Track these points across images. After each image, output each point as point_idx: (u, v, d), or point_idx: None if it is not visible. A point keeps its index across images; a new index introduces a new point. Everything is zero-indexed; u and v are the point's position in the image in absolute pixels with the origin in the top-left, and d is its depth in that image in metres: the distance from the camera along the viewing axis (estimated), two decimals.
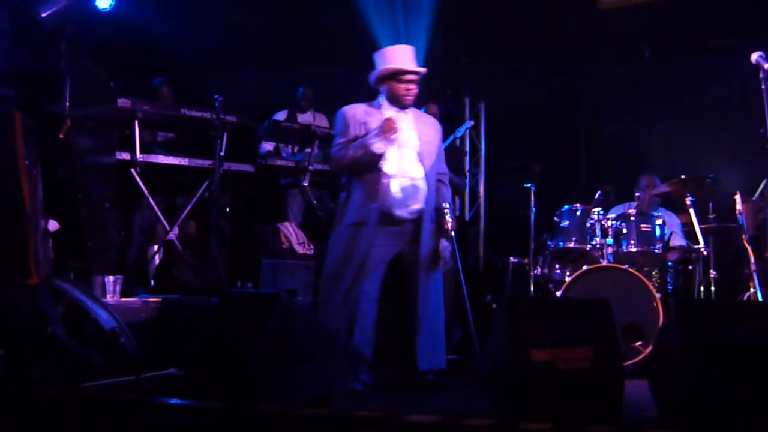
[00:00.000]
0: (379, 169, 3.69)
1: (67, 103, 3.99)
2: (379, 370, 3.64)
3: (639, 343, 4.28)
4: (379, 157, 3.69)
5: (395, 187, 3.71)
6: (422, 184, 3.77)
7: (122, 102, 4.82)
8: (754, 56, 3.85)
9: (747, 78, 4.08)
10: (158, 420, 2.58)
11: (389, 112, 3.80)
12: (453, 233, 3.79)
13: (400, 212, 3.73)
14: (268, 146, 6.04)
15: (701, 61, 6.33)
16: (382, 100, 3.88)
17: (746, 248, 4.52)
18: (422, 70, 3.83)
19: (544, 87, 6.76)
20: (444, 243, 3.78)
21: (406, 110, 3.87)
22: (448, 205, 3.79)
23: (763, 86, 3.80)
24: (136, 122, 4.88)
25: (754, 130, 3.92)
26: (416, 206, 3.75)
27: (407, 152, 3.78)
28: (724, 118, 6.10)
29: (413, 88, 3.81)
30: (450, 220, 3.72)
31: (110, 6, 5.02)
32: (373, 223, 3.66)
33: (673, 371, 2.45)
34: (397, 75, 3.80)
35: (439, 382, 3.70)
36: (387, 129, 3.66)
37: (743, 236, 4.58)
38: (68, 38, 4.23)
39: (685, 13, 6.13)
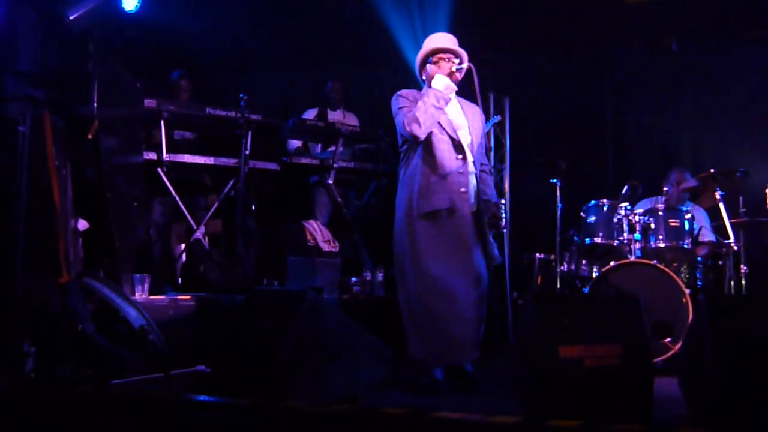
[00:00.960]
0: (453, 162, 3.70)
1: (95, 105, 4.03)
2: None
3: (668, 339, 4.23)
4: (447, 100, 3.69)
5: (466, 182, 3.72)
6: (473, 180, 3.78)
7: (148, 102, 4.87)
8: None
9: None
10: (187, 417, 2.61)
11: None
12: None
13: (465, 205, 3.70)
14: (296, 143, 6.07)
15: (729, 53, 6.22)
16: (425, 89, 3.83)
17: None
18: (453, 47, 3.82)
19: (570, 81, 6.69)
20: (491, 241, 3.78)
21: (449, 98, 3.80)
22: (504, 201, 3.78)
23: None
24: (162, 122, 4.93)
25: None
26: (473, 200, 3.75)
27: (465, 145, 3.77)
28: (755, 110, 5.99)
29: (447, 67, 3.76)
30: (503, 216, 3.73)
31: (136, 7, 5.08)
32: (461, 209, 3.67)
33: (703, 368, 2.42)
34: (429, 57, 3.84)
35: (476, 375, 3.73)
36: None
37: None
38: (96, 40, 4.28)
39: (712, 4, 6.03)
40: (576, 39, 6.63)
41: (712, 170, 4.77)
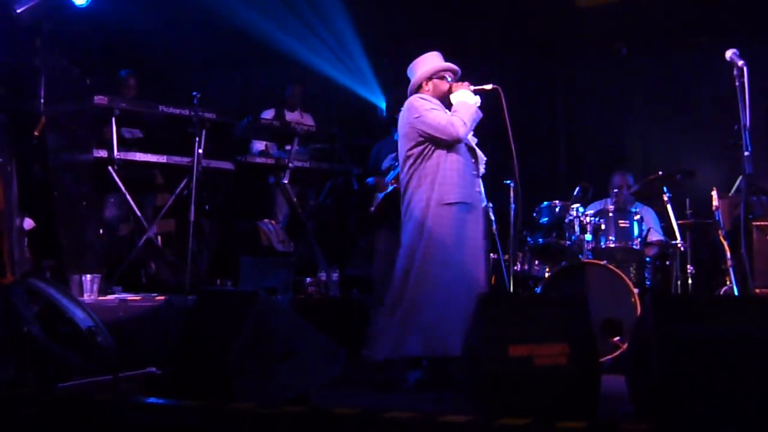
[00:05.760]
0: (470, 163, 4.00)
1: (43, 101, 3.95)
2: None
3: (617, 338, 4.31)
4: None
5: (479, 182, 4.05)
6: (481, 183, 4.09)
7: (99, 99, 4.78)
8: (728, 53, 3.89)
9: (722, 75, 4.13)
10: (136, 419, 2.57)
11: None
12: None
13: (478, 204, 3.98)
14: (260, 145, 6.02)
15: (677, 59, 6.37)
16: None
17: (722, 244, 4.57)
18: (455, 67, 4.17)
19: (523, 85, 6.77)
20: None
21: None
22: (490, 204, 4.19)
23: (736, 83, 3.84)
24: (114, 120, 4.84)
25: (729, 126, 3.95)
26: (484, 199, 4.13)
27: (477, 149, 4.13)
28: (701, 114, 6.15)
29: (450, 82, 4.12)
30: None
31: (87, 2, 4.97)
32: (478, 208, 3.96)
33: (647, 365, 2.48)
34: (439, 72, 4.13)
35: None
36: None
37: (720, 232, 4.63)
38: (44, 35, 4.19)
39: (661, 12, 6.18)
40: (529, 43, 6.72)
41: (659, 173, 4.90)
